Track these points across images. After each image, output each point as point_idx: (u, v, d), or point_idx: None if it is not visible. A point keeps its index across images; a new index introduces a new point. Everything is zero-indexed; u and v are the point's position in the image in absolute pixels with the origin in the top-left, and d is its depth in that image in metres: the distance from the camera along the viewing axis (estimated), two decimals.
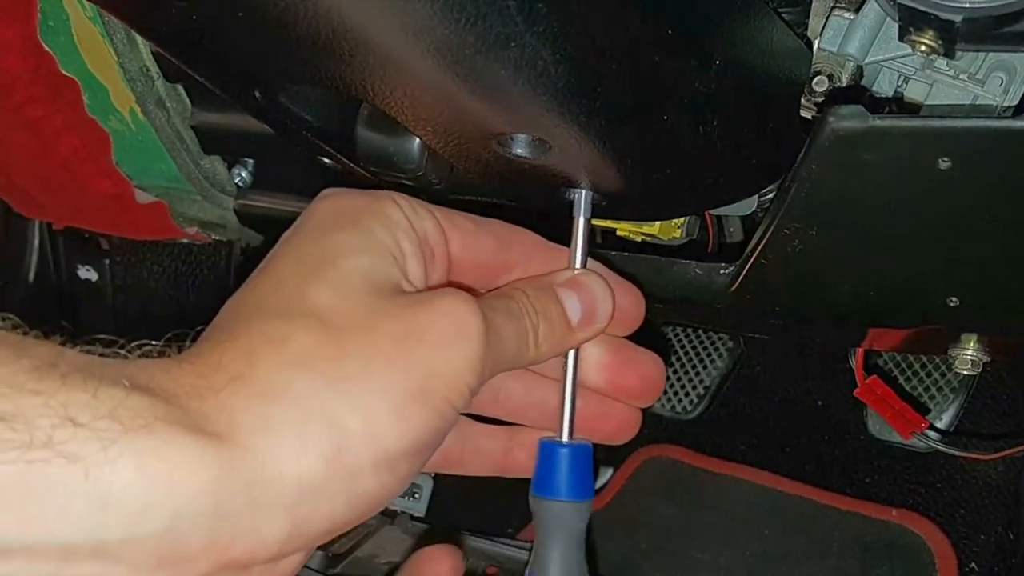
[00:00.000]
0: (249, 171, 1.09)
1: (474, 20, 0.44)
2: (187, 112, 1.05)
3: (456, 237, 0.56)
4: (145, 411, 0.40)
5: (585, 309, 0.57)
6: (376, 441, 0.45)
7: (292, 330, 0.46)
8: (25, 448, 0.37)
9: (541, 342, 0.54)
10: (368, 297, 0.48)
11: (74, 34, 1.01)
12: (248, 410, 0.42)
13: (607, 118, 0.53)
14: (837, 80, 0.60)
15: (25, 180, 1.20)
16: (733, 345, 1.33)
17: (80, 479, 0.38)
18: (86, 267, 1.55)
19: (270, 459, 0.42)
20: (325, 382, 0.44)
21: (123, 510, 0.39)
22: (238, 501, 0.41)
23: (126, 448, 0.38)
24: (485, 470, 0.62)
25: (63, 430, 0.38)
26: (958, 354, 0.71)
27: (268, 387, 0.43)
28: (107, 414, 0.39)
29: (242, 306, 0.49)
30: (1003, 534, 1.12)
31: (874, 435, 1.20)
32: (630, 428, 0.63)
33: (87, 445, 0.38)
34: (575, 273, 0.58)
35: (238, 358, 0.44)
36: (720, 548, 1.21)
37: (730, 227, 0.79)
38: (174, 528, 0.40)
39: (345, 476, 0.44)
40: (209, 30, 0.53)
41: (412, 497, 1.27)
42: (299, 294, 0.48)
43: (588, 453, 0.59)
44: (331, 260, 0.49)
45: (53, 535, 0.38)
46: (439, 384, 0.47)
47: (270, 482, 0.42)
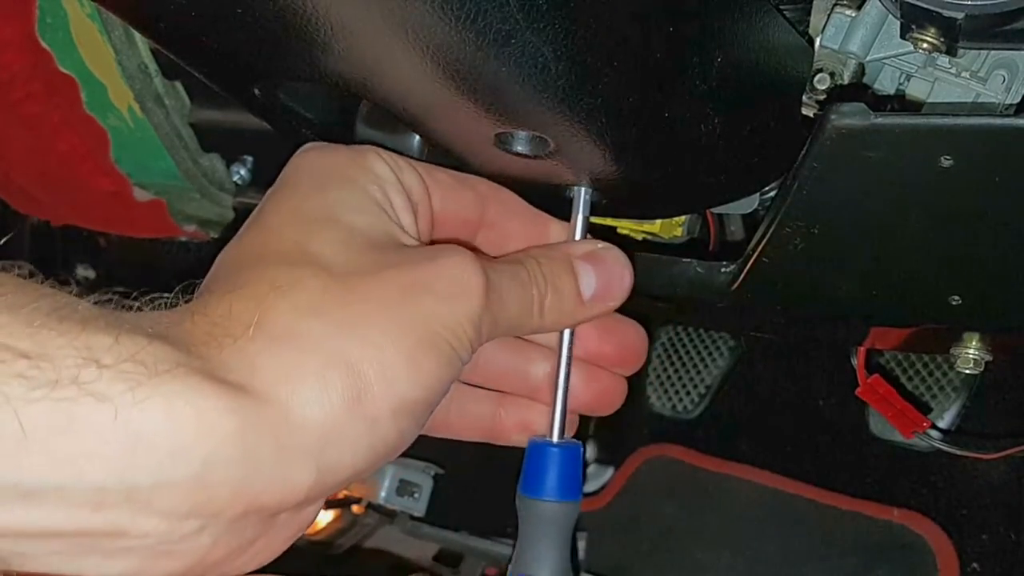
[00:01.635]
0: (248, 169, 1.09)
1: (474, 17, 0.44)
2: (186, 109, 1.05)
3: (437, 191, 0.55)
4: (168, 357, 0.39)
5: (600, 284, 0.56)
6: (393, 387, 0.45)
7: (300, 277, 0.46)
8: (52, 386, 0.36)
9: (547, 312, 0.54)
10: (372, 251, 0.48)
11: (72, 31, 1.01)
12: (267, 358, 0.42)
13: (608, 115, 0.53)
14: (839, 78, 0.60)
15: (23, 178, 1.20)
16: (734, 344, 1.33)
17: (110, 419, 0.37)
18: (84, 265, 1.55)
19: (294, 406, 0.42)
20: (339, 328, 0.44)
21: (154, 453, 0.38)
22: (266, 449, 0.41)
23: (153, 391, 0.38)
24: (474, 434, 0.62)
25: (88, 370, 0.37)
26: (960, 353, 0.71)
27: (284, 333, 0.43)
28: (130, 357, 0.38)
29: (242, 256, 0.49)
30: (1005, 534, 1.12)
31: (876, 434, 1.20)
32: (613, 398, 0.63)
33: (114, 386, 0.37)
34: (596, 246, 0.58)
35: (249, 306, 0.44)
36: (721, 548, 1.21)
37: (731, 225, 0.79)
38: (205, 474, 0.39)
39: (366, 422, 0.44)
40: (208, 27, 0.53)
41: (411, 497, 1.27)
42: (301, 246, 0.48)
43: (578, 454, 0.59)
44: (330, 217, 0.49)
45: (84, 477, 0.37)
46: (447, 333, 0.47)
47: (296, 429, 0.42)
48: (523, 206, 0.59)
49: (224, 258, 0.50)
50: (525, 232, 0.59)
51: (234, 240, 0.50)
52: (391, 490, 1.26)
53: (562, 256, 0.56)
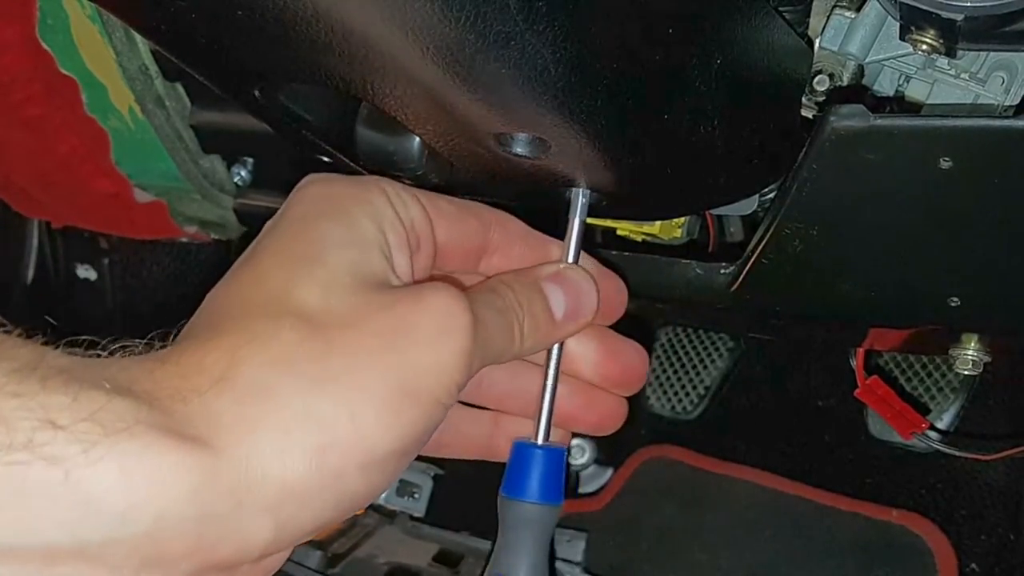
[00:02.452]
0: (248, 170, 1.09)
1: (474, 18, 0.44)
2: (186, 111, 1.05)
3: (441, 223, 0.55)
4: (127, 414, 0.40)
5: (570, 303, 0.57)
6: (363, 442, 0.44)
7: (277, 329, 0.45)
8: (5, 450, 0.37)
9: (526, 336, 0.54)
10: (355, 293, 0.48)
11: (73, 33, 1.01)
12: (231, 413, 0.42)
13: (607, 117, 0.53)
14: (838, 79, 0.60)
15: (24, 179, 1.20)
16: (734, 345, 1.33)
17: (60, 481, 0.38)
18: (85, 266, 1.55)
19: (253, 462, 0.42)
20: (310, 382, 0.44)
21: (105, 512, 0.38)
22: (222, 505, 0.41)
23: (107, 451, 0.38)
24: (466, 453, 0.62)
25: (43, 432, 0.38)
26: (959, 354, 0.71)
27: (251, 388, 0.43)
28: (88, 417, 0.39)
29: (225, 301, 0.49)
30: (1004, 535, 1.12)
31: (874, 435, 1.20)
32: (615, 419, 0.63)
33: (68, 448, 0.38)
34: (560, 267, 0.58)
35: (222, 358, 0.44)
36: (720, 548, 1.21)
37: (731, 227, 0.79)
38: (157, 531, 0.40)
39: (330, 477, 0.44)
40: (208, 28, 0.53)
41: (411, 497, 1.27)
42: (285, 291, 0.47)
43: (561, 457, 0.59)
44: (317, 255, 0.49)
45: (35, 536, 0.38)
46: (428, 381, 0.47)
47: (254, 485, 0.42)
48: (525, 230, 0.60)
49: (212, 299, 0.49)
50: (528, 256, 0.59)
51: (224, 278, 0.50)
52: (391, 490, 1.26)
53: (531, 279, 0.56)
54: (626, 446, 1.31)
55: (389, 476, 0.47)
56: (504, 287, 0.54)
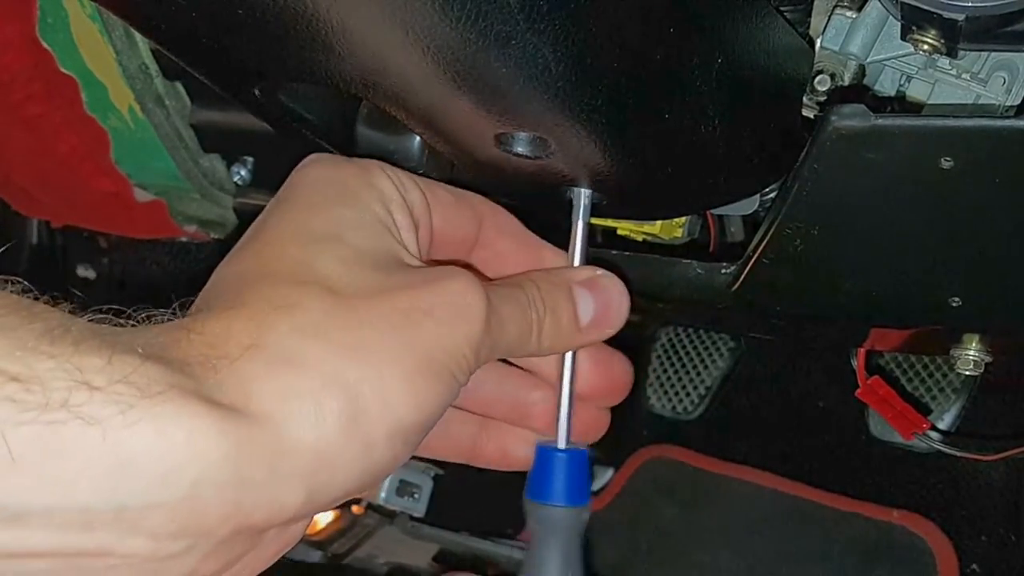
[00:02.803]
0: (248, 169, 1.09)
1: (474, 18, 0.44)
2: (186, 110, 1.05)
3: (438, 209, 0.55)
4: (161, 379, 0.39)
5: (598, 311, 0.56)
6: (391, 412, 0.45)
7: (302, 297, 0.45)
8: (41, 409, 0.36)
9: (544, 337, 0.54)
10: (375, 272, 0.48)
11: (73, 32, 1.01)
12: (264, 380, 0.42)
13: (608, 117, 0.53)
14: (839, 79, 0.60)
15: (23, 178, 1.20)
16: (734, 345, 1.33)
17: (98, 442, 0.37)
18: (84, 265, 1.55)
19: (288, 429, 0.42)
20: (339, 350, 0.44)
21: (143, 475, 0.38)
22: (257, 471, 0.41)
23: (144, 413, 0.38)
24: (451, 455, 0.62)
25: (79, 393, 0.37)
26: (960, 354, 0.71)
27: (282, 355, 0.43)
28: (122, 379, 0.38)
29: (242, 272, 0.48)
30: (1004, 535, 1.12)
31: (875, 436, 1.20)
32: (597, 429, 0.63)
33: (105, 408, 0.37)
34: (596, 273, 0.58)
35: (248, 326, 0.44)
36: (721, 549, 1.21)
37: (732, 226, 0.79)
38: (194, 496, 0.39)
39: (360, 446, 0.44)
40: (208, 27, 0.53)
41: (411, 497, 1.27)
42: (305, 264, 0.47)
43: (585, 458, 0.59)
44: (335, 235, 0.49)
45: (73, 498, 0.37)
46: (446, 358, 0.47)
47: (288, 452, 0.42)
48: (518, 227, 0.60)
49: (224, 272, 0.49)
50: (518, 253, 0.59)
51: (233, 253, 0.50)
52: (391, 490, 1.26)
53: (562, 281, 0.56)
54: (627, 446, 1.31)
55: (411, 448, 0.47)
56: (530, 284, 0.54)
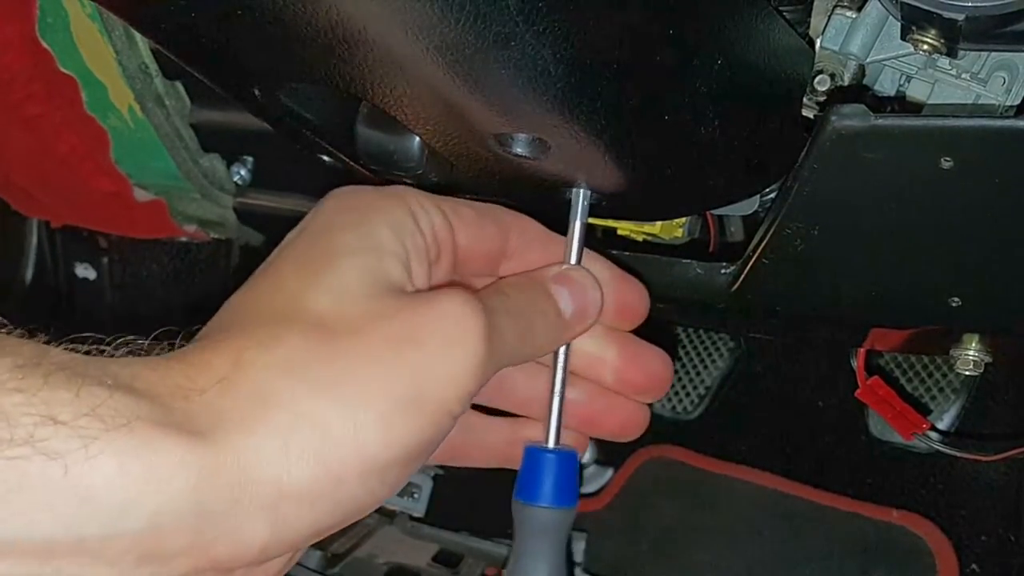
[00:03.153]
0: (248, 169, 1.09)
1: (474, 19, 0.44)
2: (186, 110, 1.05)
3: (461, 229, 0.55)
4: (127, 410, 0.40)
5: (576, 303, 0.57)
6: (363, 449, 0.44)
7: (284, 333, 0.46)
8: (6, 445, 0.37)
9: (538, 337, 0.55)
10: (366, 299, 0.48)
11: (73, 31, 1.01)
12: (232, 412, 0.42)
13: (607, 118, 0.53)
14: (839, 79, 0.60)
15: (23, 178, 1.20)
16: (734, 345, 1.33)
17: (60, 475, 0.38)
18: (84, 265, 1.55)
19: (253, 461, 0.42)
20: (313, 387, 0.44)
21: (103, 507, 0.39)
22: (220, 502, 0.41)
23: (107, 446, 0.39)
24: (490, 462, 0.62)
25: (44, 428, 0.38)
26: (960, 354, 0.71)
27: (254, 390, 0.43)
28: (88, 412, 0.39)
29: (239, 307, 0.49)
30: (1004, 535, 1.12)
31: (875, 436, 1.20)
32: (636, 425, 0.63)
33: (68, 443, 0.38)
34: (564, 268, 0.58)
35: (227, 361, 0.44)
36: (720, 548, 1.21)
37: (731, 227, 0.79)
38: (155, 526, 0.40)
39: (330, 483, 0.44)
40: (208, 27, 0.53)
41: (411, 497, 1.27)
42: (297, 298, 0.48)
43: (573, 460, 0.59)
44: (329, 261, 0.49)
45: (34, 530, 0.38)
46: (436, 390, 0.47)
47: (252, 484, 0.42)
48: (543, 232, 0.60)
49: (228, 305, 0.50)
50: (545, 260, 0.59)
51: (243, 287, 0.51)
52: None
53: (538, 281, 0.57)
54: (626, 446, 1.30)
55: (390, 485, 0.47)
56: (513, 289, 0.55)
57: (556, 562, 0.58)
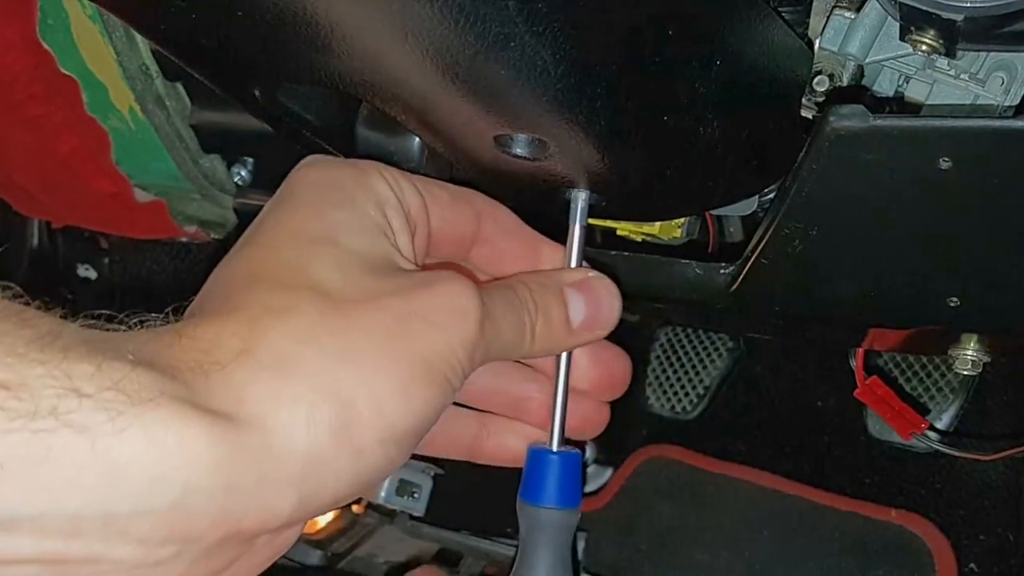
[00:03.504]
0: (248, 170, 1.09)
1: (473, 20, 0.44)
2: (186, 110, 1.05)
3: (435, 209, 0.55)
4: (151, 385, 0.39)
5: (589, 313, 0.57)
6: (383, 418, 0.45)
7: (296, 301, 0.45)
8: (30, 417, 0.37)
9: (536, 339, 0.54)
10: (369, 276, 0.48)
11: (73, 32, 1.01)
12: (255, 385, 0.42)
13: (607, 119, 0.53)
14: (838, 80, 0.60)
15: (24, 178, 1.20)
16: (733, 345, 1.33)
17: (87, 449, 0.37)
18: (85, 266, 1.55)
19: (279, 435, 0.42)
20: (331, 356, 0.44)
21: (132, 482, 0.38)
22: (248, 477, 0.41)
23: (134, 420, 0.38)
24: (454, 453, 0.62)
25: (68, 400, 0.37)
26: (958, 354, 0.71)
27: (275, 361, 0.43)
28: (112, 386, 0.38)
29: (237, 275, 0.48)
30: (1003, 534, 1.12)
31: (874, 435, 1.20)
32: (596, 424, 0.64)
33: (94, 416, 0.38)
34: (587, 275, 0.58)
35: (241, 330, 0.44)
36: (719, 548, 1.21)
37: (730, 227, 0.79)
38: (183, 503, 0.39)
39: (352, 452, 0.44)
40: (208, 28, 0.53)
41: (411, 497, 1.27)
42: (300, 267, 0.47)
43: (578, 461, 0.59)
44: (330, 239, 0.49)
45: (61, 506, 0.37)
46: (440, 362, 0.47)
47: (279, 458, 0.42)
48: (517, 224, 0.60)
49: (219, 275, 0.49)
50: (518, 250, 0.59)
51: (229, 256, 0.50)
52: (391, 490, 1.26)
53: (553, 283, 0.56)
54: (626, 446, 1.31)
55: (405, 452, 0.47)
56: (522, 286, 0.55)
57: (561, 562, 0.58)
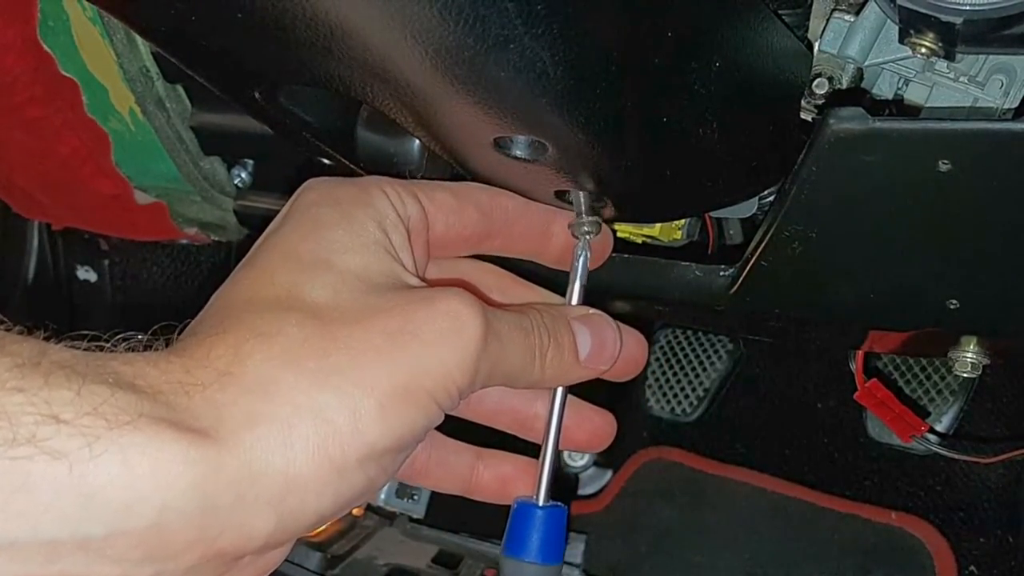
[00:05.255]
0: (248, 172, 1.09)
1: (473, 22, 0.44)
2: (187, 113, 1.05)
3: (440, 217, 0.56)
4: (130, 408, 0.40)
5: (594, 346, 0.57)
6: (362, 437, 0.45)
7: (283, 325, 0.46)
8: (8, 445, 0.37)
9: (548, 364, 0.55)
10: (365, 294, 0.48)
11: (74, 34, 1.01)
12: (235, 406, 0.43)
13: (606, 120, 0.53)
14: (837, 82, 0.60)
15: (25, 180, 1.20)
16: (733, 347, 1.33)
17: (64, 475, 0.38)
18: (85, 268, 1.55)
19: (257, 455, 0.42)
20: (313, 378, 0.44)
21: (108, 506, 0.39)
22: (225, 497, 0.41)
23: (110, 444, 0.39)
24: (450, 486, 0.62)
25: (46, 427, 0.38)
26: (958, 356, 0.71)
27: (255, 383, 0.43)
28: (91, 411, 0.39)
29: (232, 299, 0.49)
30: (1002, 537, 1.12)
31: (873, 438, 1.20)
32: (603, 438, 0.64)
33: (71, 442, 0.38)
34: (589, 312, 0.59)
35: (227, 353, 0.44)
36: (719, 550, 1.21)
37: (730, 229, 0.79)
38: (160, 524, 0.40)
39: (331, 471, 0.44)
40: (208, 31, 0.53)
41: (411, 499, 1.27)
42: (293, 290, 0.48)
43: (562, 517, 0.59)
44: (325, 260, 0.49)
45: (38, 532, 0.38)
46: (427, 382, 0.47)
47: (257, 478, 0.42)
48: (525, 207, 0.60)
49: (216, 299, 0.50)
50: (530, 232, 0.60)
51: (229, 279, 0.51)
52: (391, 492, 1.26)
53: (559, 313, 0.57)
54: (625, 448, 1.31)
55: (386, 472, 0.47)
56: (534, 312, 0.55)
57: None
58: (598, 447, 0.65)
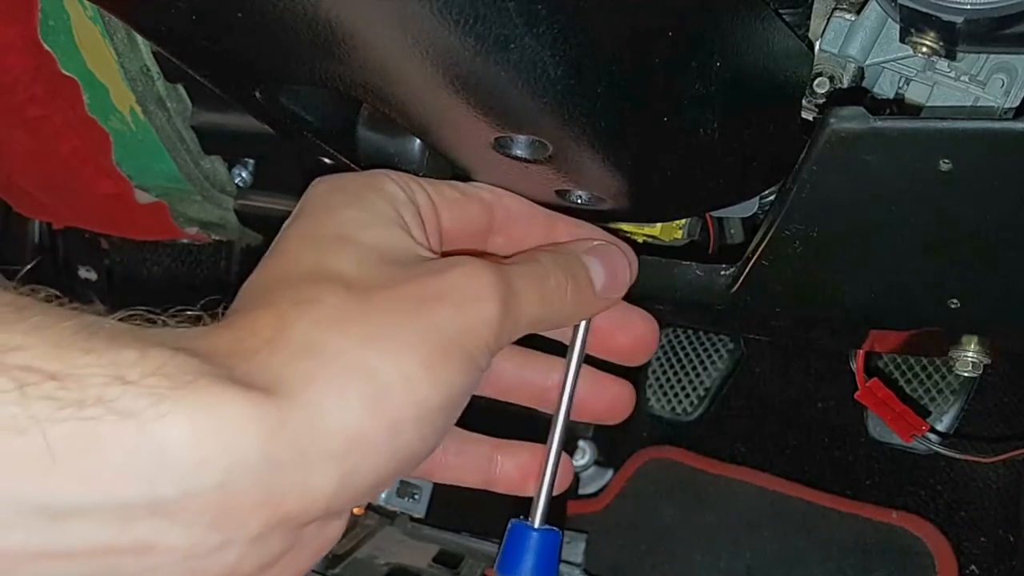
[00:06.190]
0: (249, 171, 1.09)
1: (473, 21, 0.44)
2: (187, 112, 1.05)
3: (445, 209, 0.57)
4: (192, 368, 0.40)
5: (608, 275, 0.58)
6: (414, 395, 0.46)
7: (320, 293, 0.47)
8: (78, 406, 0.37)
9: (568, 303, 0.56)
10: (387, 265, 0.49)
11: (75, 34, 1.01)
12: (287, 367, 0.43)
13: (606, 120, 0.53)
14: (838, 81, 0.60)
15: (25, 180, 1.20)
16: (734, 347, 1.33)
17: (133, 435, 0.38)
18: (86, 267, 1.55)
19: (317, 412, 0.43)
20: (359, 339, 0.45)
21: (178, 465, 0.39)
22: (289, 454, 0.41)
23: (177, 403, 0.39)
24: (470, 478, 0.62)
25: (114, 387, 0.38)
26: (959, 356, 0.71)
27: (304, 347, 0.44)
28: (155, 371, 0.39)
29: (263, 281, 0.50)
30: (1003, 536, 1.12)
31: (874, 437, 1.21)
32: (623, 406, 0.65)
33: (138, 401, 0.38)
34: (595, 243, 0.60)
35: (272, 322, 0.45)
36: (720, 550, 1.21)
37: (731, 228, 0.79)
38: (228, 482, 0.40)
39: (388, 428, 0.45)
40: (209, 30, 0.53)
41: (412, 498, 1.27)
42: (319, 265, 0.49)
43: (556, 540, 0.59)
44: (345, 236, 0.50)
45: (111, 494, 0.38)
46: (463, 340, 0.48)
47: (319, 434, 0.42)
48: (530, 209, 0.61)
49: (247, 285, 0.50)
50: (531, 234, 0.60)
51: (256, 270, 0.51)
52: (391, 491, 1.26)
53: (569, 250, 0.58)
54: (626, 447, 1.31)
55: (439, 432, 0.48)
56: (544, 255, 0.56)
57: None
58: (619, 416, 0.65)
